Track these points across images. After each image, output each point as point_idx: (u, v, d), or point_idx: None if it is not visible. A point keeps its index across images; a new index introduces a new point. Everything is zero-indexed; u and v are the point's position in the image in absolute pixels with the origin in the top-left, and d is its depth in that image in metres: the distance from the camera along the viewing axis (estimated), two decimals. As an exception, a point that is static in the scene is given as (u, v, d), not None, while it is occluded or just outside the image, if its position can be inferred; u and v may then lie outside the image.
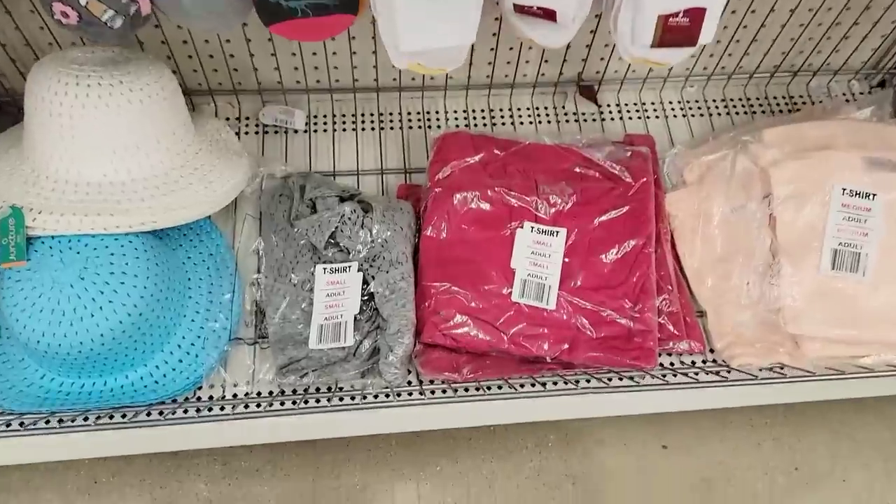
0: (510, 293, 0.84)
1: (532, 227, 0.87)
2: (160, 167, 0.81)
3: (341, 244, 0.85)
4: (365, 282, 0.84)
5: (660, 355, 0.83)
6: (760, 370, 0.82)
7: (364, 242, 0.84)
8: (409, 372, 0.83)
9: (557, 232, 0.87)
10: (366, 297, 0.84)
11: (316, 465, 0.97)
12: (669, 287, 0.87)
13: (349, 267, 0.85)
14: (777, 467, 0.98)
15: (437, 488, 0.95)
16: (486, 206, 0.88)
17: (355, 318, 0.83)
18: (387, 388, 0.79)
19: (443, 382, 0.81)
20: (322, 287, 0.84)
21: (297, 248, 0.87)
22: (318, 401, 0.80)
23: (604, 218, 0.88)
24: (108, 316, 0.72)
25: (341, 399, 0.80)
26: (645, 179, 0.90)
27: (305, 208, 0.88)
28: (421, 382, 0.83)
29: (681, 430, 1.00)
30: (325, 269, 0.85)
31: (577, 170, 0.91)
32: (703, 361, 0.87)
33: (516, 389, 0.78)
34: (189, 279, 0.85)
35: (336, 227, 0.84)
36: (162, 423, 0.75)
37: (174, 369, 0.80)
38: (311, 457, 0.96)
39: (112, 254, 0.75)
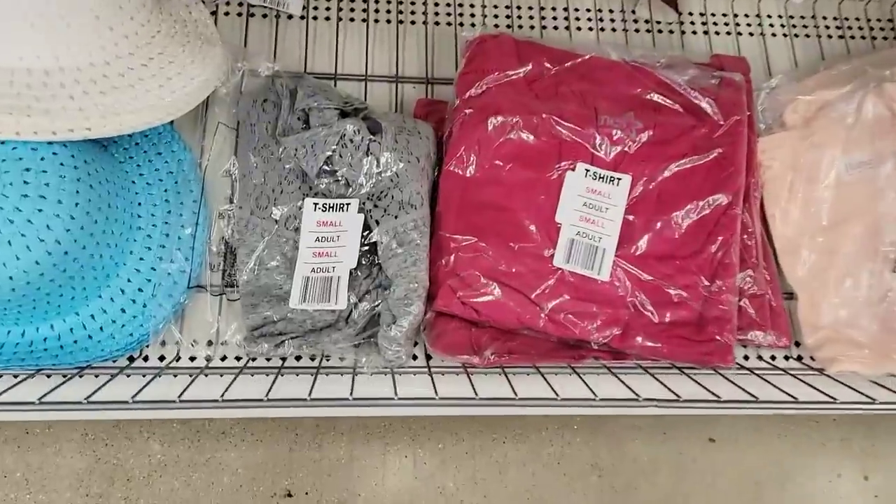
0: (552, 256, 0.65)
1: (587, 171, 0.67)
2: (99, 54, 0.59)
3: (339, 173, 0.65)
4: (367, 227, 0.65)
5: (733, 347, 0.65)
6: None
7: (369, 174, 0.64)
8: (416, 344, 0.65)
9: (619, 179, 0.67)
10: (366, 248, 0.65)
11: (295, 431, 0.80)
12: (755, 260, 0.68)
13: (347, 205, 0.65)
14: (843, 474, 0.82)
15: (436, 469, 0.79)
16: (529, 137, 0.68)
17: (351, 273, 0.64)
18: (385, 367, 0.61)
19: (457, 367, 0.64)
20: (311, 228, 0.65)
21: (281, 174, 0.67)
22: (297, 374, 0.62)
23: (681, 165, 0.68)
24: (20, 252, 0.54)
25: (327, 374, 0.62)
26: (737, 118, 0.69)
27: (296, 121, 0.67)
28: (429, 361, 0.65)
29: (733, 421, 0.83)
30: (316, 204, 0.65)
31: (651, 97, 0.70)
32: (786, 357, 0.69)
33: (548, 383, 0.60)
34: (139, 205, 0.66)
35: (333, 151, 0.64)
36: (93, 394, 0.57)
37: (114, 321, 0.62)
38: (289, 421, 0.80)
39: (27, 169, 0.55)
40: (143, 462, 0.78)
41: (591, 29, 0.82)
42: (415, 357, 0.66)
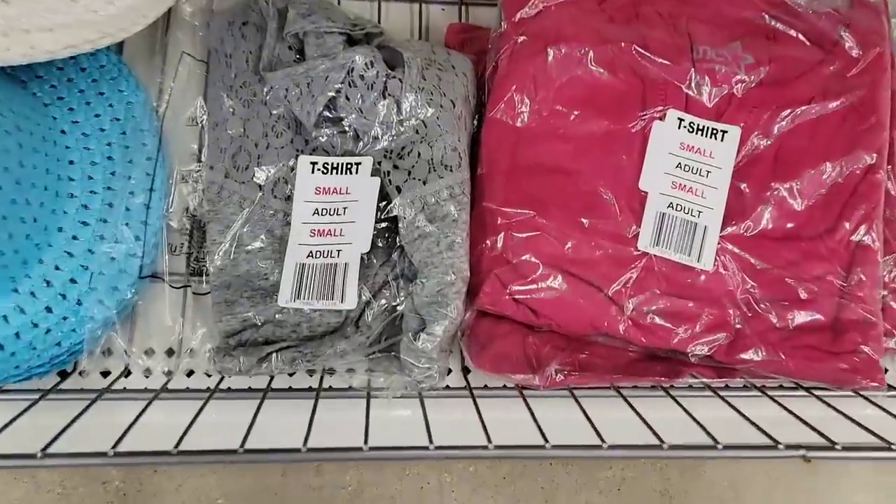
0: (636, 236, 0.48)
1: (681, 120, 0.49)
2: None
3: (346, 122, 0.47)
4: (385, 196, 0.47)
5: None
6: None
7: (386, 123, 0.47)
8: (450, 353, 0.48)
9: (725, 131, 0.49)
10: (384, 224, 0.48)
11: (289, 451, 0.63)
12: (899, 242, 0.51)
13: (358, 165, 0.48)
14: None
15: (467, 498, 0.63)
16: (602, 72, 0.50)
17: (363, 259, 0.47)
18: (411, 390, 0.45)
19: (509, 387, 0.47)
20: (308, 197, 0.48)
21: (267, 122, 0.49)
22: (290, 399, 0.46)
23: (805, 114, 0.50)
24: None
25: (332, 400, 0.46)
26: (878, 50, 0.51)
27: (287, 50, 0.49)
28: (467, 375, 0.49)
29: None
30: (314, 164, 0.48)
31: (765, 22, 0.52)
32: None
33: (632, 408, 0.44)
34: (71, 163, 0.48)
35: (338, 91, 0.46)
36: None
37: (35, 325, 0.45)
38: (282, 439, 0.63)
39: None
40: (97, 492, 0.61)
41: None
42: (448, 371, 0.49)
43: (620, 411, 0.44)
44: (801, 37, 0.52)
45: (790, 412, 0.44)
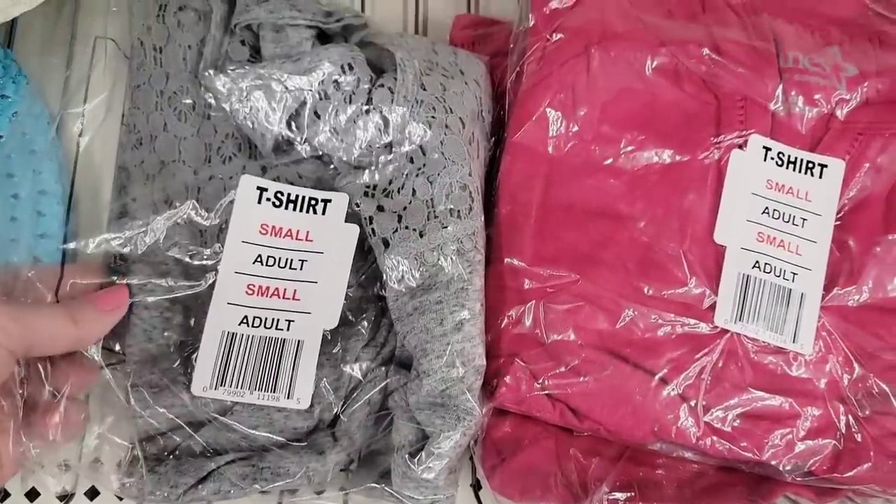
0: (712, 307, 0.35)
1: (767, 149, 0.37)
2: None
3: (315, 143, 0.34)
4: (365, 251, 0.34)
5: None
6: None
7: (369, 146, 0.34)
8: (458, 472, 0.35)
9: (824, 166, 0.37)
10: (364, 290, 0.35)
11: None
12: None
13: (326, 203, 0.34)
14: None
15: None
16: (663, 84, 0.37)
17: (331, 337, 0.34)
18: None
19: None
20: (248, 236, 0.34)
21: (210, 142, 0.37)
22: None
23: (927, 142, 0.38)
24: None
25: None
26: None
27: (238, 46, 0.36)
28: (479, 493, 0.36)
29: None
30: (262, 190, 0.34)
31: (870, 21, 0.40)
32: None
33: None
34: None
35: (304, 104, 0.33)
36: None
37: None
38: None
39: None
40: None
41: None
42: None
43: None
44: (916, 38, 0.40)
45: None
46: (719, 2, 0.39)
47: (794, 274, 0.36)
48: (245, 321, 0.33)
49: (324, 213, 0.35)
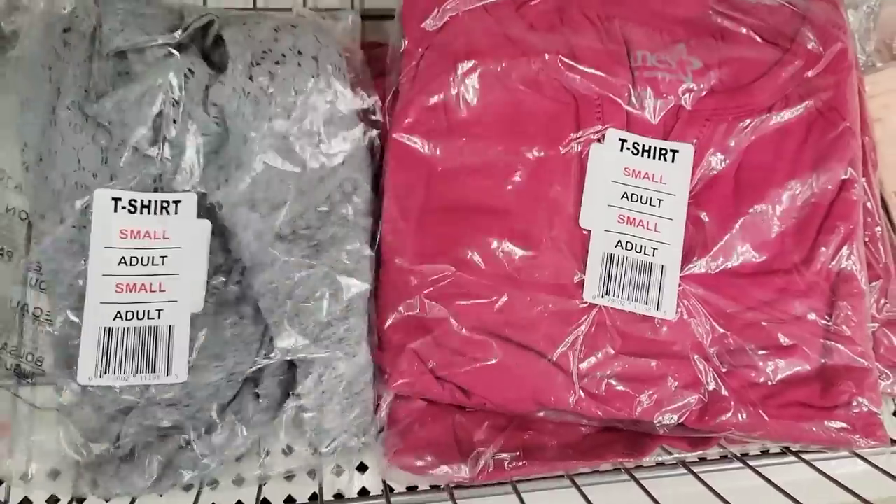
0: (580, 283, 0.39)
1: (623, 141, 0.41)
2: None
3: (174, 143, 0.38)
4: (224, 247, 0.38)
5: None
6: None
7: (210, 141, 0.38)
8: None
9: (676, 151, 0.42)
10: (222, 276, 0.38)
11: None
12: (885, 264, 0.44)
13: (176, 204, 0.38)
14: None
15: None
16: (525, 91, 0.42)
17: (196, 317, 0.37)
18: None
19: (436, 488, 0.38)
20: (110, 242, 0.37)
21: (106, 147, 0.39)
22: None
23: (767, 123, 0.43)
24: None
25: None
26: (840, 45, 0.44)
27: (116, 74, 0.39)
28: (386, 482, 0.39)
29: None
30: (117, 200, 0.38)
31: (712, 19, 0.44)
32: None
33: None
34: None
35: (159, 114, 0.37)
36: None
37: None
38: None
39: None
40: None
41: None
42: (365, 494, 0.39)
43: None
44: (753, 34, 0.44)
45: (776, 486, 0.35)
46: (576, 12, 0.44)
47: (654, 249, 0.40)
48: (119, 316, 0.36)
49: (176, 212, 0.38)
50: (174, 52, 0.37)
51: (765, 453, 0.41)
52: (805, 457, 0.40)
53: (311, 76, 0.39)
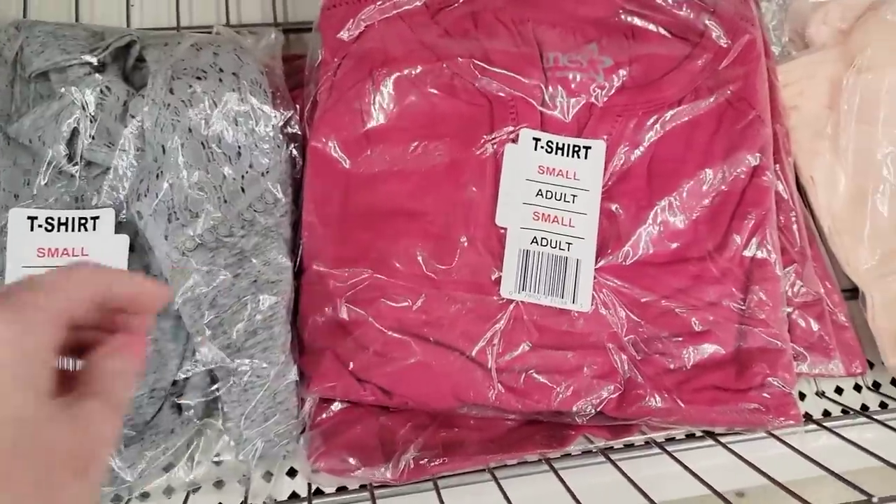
0: (497, 280, 0.40)
1: (537, 140, 0.43)
2: None
3: (91, 159, 0.39)
4: (143, 262, 0.39)
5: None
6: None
7: (126, 153, 0.38)
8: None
9: (588, 147, 0.43)
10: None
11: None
12: (800, 249, 0.45)
13: (94, 220, 0.39)
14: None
15: None
16: (440, 95, 0.43)
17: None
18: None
19: (365, 488, 0.39)
20: (28, 261, 0.38)
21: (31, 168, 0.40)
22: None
23: (677, 116, 0.44)
24: None
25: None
26: (748, 37, 0.46)
27: (38, 96, 0.40)
28: (311, 492, 0.40)
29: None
30: (33, 218, 0.38)
31: (622, 19, 0.45)
32: (857, 388, 0.47)
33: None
34: None
35: (76, 131, 0.38)
36: None
37: None
38: None
39: None
40: None
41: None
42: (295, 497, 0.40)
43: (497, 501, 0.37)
44: (663, 31, 0.46)
45: (693, 473, 0.37)
46: (489, 18, 0.45)
47: (569, 244, 0.41)
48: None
49: (94, 228, 0.38)
50: (94, 71, 0.38)
51: (689, 437, 0.42)
52: (725, 439, 0.41)
53: (231, 91, 0.40)
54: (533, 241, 0.41)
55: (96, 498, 0.23)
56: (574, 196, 0.42)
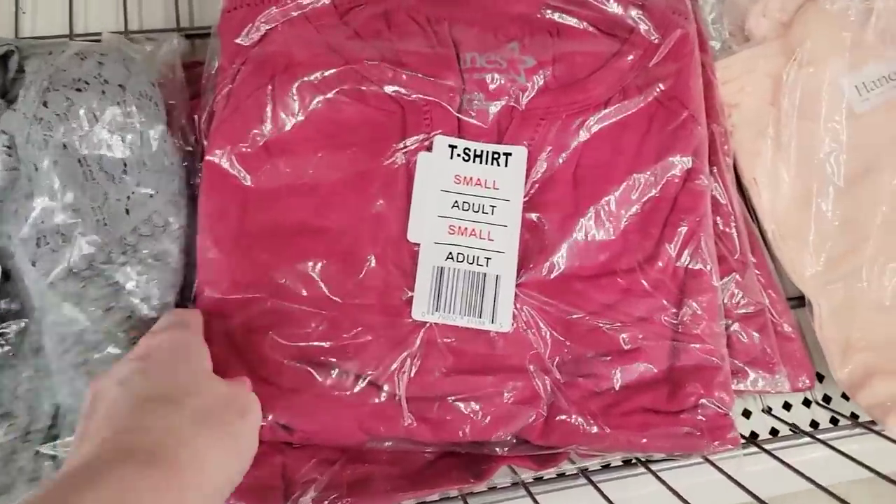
0: (408, 301, 0.37)
1: (453, 147, 0.40)
2: None
3: None
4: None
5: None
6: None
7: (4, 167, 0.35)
8: None
9: (509, 154, 0.40)
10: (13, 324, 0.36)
11: None
12: (740, 257, 0.42)
13: None
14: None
15: None
16: (348, 103, 0.40)
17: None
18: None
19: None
20: None
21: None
22: None
23: (604, 118, 0.41)
24: None
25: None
26: (681, 31, 0.43)
27: None
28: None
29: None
30: None
31: (544, 15, 0.42)
32: (806, 403, 0.44)
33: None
34: None
35: None
36: None
37: None
38: None
39: None
40: None
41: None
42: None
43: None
44: (590, 27, 0.43)
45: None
46: (403, 16, 0.42)
47: (488, 259, 0.38)
48: None
49: None
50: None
51: (627, 463, 0.40)
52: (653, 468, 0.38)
53: (115, 104, 0.37)
54: (448, 257, 0.38)
55: (255, 442, 0.31)
56: (493, 207, 0.39)
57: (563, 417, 0.37)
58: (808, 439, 0.40)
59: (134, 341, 0.33)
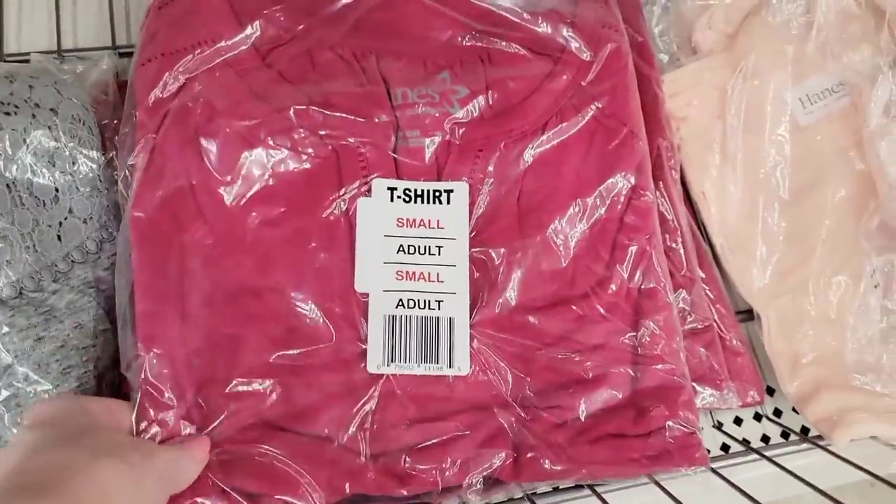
0: (363, 354, 0.36)
1: (392, 190, 0.38)
2: None
3: None
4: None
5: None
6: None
7: None
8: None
9: (450, 191, 0.39)
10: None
11: None
12: (688, 273, 0.42)
13: None
14: None
15: None
16: (275, 150, 0.38)
17: None
18: None
19: None
20: None
21: None
22: None
23: (543, 144, 0.40)
24: None
25: None
26: (613, 45, 0.42)
27: None
28: None
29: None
30: None
31: (474, 42, 0.41)
32: (757, 417, 0.44)
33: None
34: None
35: None
36: None
37: None
38: None
39: None
40: None
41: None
42: None
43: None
44: (521, 49, 0.42)
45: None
46: (328, 54, 0.40)
47: (440, 301, 0.37)
48: None
49: None
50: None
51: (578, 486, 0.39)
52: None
53: (44, 128, 0.36)
54: (399, 304, 0.37)
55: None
56: (440, 247, 0.38)
57: (532, 454, 0.36)
58: (755, 456, 0.41)
59: (66, 372, 0.32)
